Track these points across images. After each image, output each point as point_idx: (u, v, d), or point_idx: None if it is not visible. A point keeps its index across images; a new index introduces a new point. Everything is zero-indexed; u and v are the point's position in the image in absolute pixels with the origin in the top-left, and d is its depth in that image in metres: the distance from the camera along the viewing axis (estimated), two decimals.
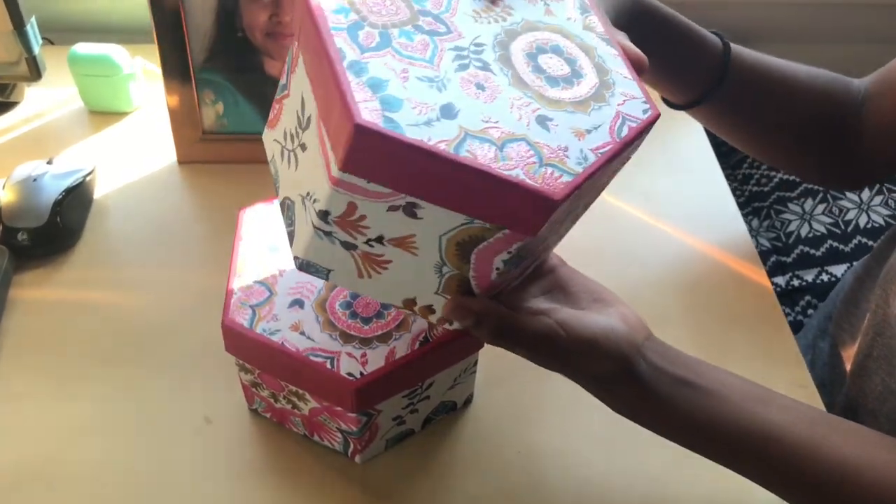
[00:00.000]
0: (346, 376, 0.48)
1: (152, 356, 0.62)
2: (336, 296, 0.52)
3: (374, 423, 0.53)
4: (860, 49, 1.07)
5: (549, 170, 0.37)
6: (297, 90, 0.42)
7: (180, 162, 0.79)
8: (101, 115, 0.84)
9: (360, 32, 0.38)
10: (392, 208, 0.38)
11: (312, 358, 0.49)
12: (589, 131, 0.39)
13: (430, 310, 0.44)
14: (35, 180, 0.69)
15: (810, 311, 0.85)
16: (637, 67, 0.44)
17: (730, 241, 0.75)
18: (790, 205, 0.92)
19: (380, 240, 0.40)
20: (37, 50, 0.75)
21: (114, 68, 0.80)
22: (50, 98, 0.86)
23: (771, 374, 0.60)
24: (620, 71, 0.43)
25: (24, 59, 0.74)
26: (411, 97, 0.36)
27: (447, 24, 0.41)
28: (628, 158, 0.43)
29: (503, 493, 0.55)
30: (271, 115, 0.47)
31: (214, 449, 0.56)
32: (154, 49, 0.72)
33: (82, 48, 0.80)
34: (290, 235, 0.44)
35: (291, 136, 0.43)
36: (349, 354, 0.49)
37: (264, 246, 0.55)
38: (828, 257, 0.87)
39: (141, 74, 0.84)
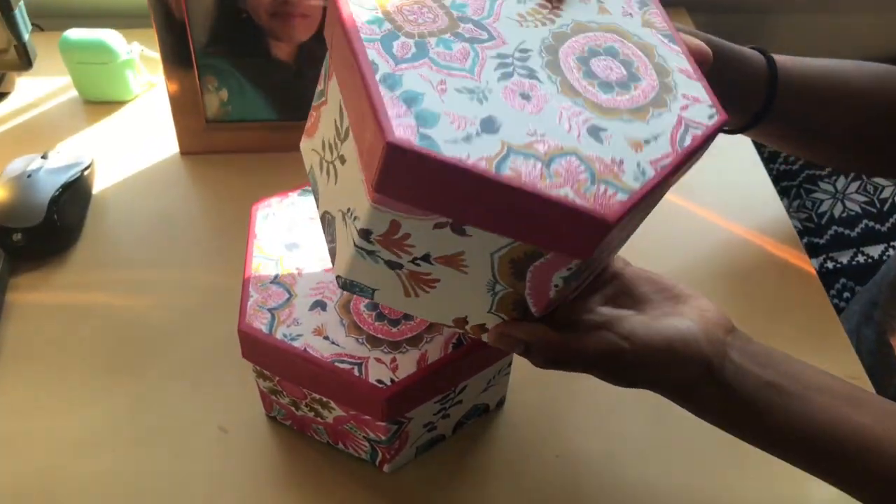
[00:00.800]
0: (376, 384, 0.44)
1: (161, 362, 0.58)
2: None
3: (404, 431, 0.49)
4: (890, 18, 1.03)
5: (603, 187, 0.33)
6: (335, 98, 0.39)
7: (183, 153, 0.75)
8: (98, 104, 0.80)
9: (395, 43, 0.35)
10: (438, 226, 0.35)
11: (338, 365, 0.45)
12: (647, 142, 0.35)
13: (483, 329, 0.41)
14: (29, 176, 0.65)
15: (846, 295, 0.82)
16: (700, 62, 0.40)
17: (768, 223, 0.71)
18: (821, 183, 0.88)
19: (426, 258, 0.36)
20: (26, 36, 0.71)
21: (109, 54, 0.76)
22: (42, 88, 0.82)
23: (820, 366, 0.56)
24: (684, 70, 0.39)
25: (13, 47, 0.71)
26: (449, 111, 0.33)
27: (489, 30, 0.37)
28: (692, 165, 0.39)
29: (540, 500, 0.51)
30: (308, 123, 0.44)
31: (231, 460, 0.53)
32: (152, 33, 0.68)
33: (74, 34, 0.76)
34: (332, 252, 0.41)
35: (330, 146, 0.40)
36: (378, 360, 0.45)
37: (280, 244, 0.51)
38: (863, 238, 0.84)
39: (138, 60, 0.79)
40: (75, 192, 0.67)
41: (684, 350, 0.39)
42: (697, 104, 0.37)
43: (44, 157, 0.68)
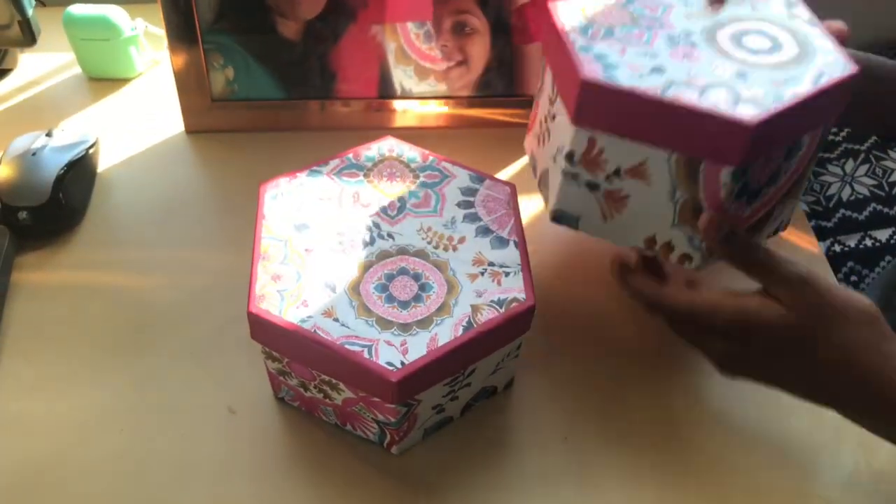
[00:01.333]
0: (386, 366, 0.44)
1: (168, 342, 0.58)
2: (370, 278, 0.48)
3: (413, 413, 0.49)
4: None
5: (746, 106, 0.44)
6: (549, 81, 0.53)
7: (188, 131, 0.74)
8: (102, 81, 0.79)
9: (590, 30, 0.49)
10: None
11: (348, 347, 0.45)
12: (787, 81, 0.45)
13: (669, 247, 0.50)
14: (34, 154, 0.64)
15: (853, 278, 0.81)
16: (839, 38, 0.49)
17: None
18: (830, 166, 0.88)
19: (617, 173, 0.48)
20: (30, 12, 0.70)
21: (113, 31, 0.75)
22: (46, 64, 0.81)
23: None
24: (822, 43, 0.48)
25: (16, 23, 0.69)
26: (627, 62, 0.46)
27: (662, 21, 0.50)
28: (832, 121, 0.49)
29: (547, 481, 0.51)
30: (530, 123, 0.59)
31: (239, 441, 0.53)
32: (156, 9, 0.67)
33: (78, 9, 0.75)
34: (546, 199, 0.54)
35: (545, 117, 0.54)
36: (388, 342, 0.45)
37: (289, 224, 0.50)
38: (871, 221, 0.83)
39: (142, 37, 0.78)
40: (80, 170, 0.66)
41: (860, 300, 0.44)
42: (834, 62, 0.47)
43: (48, 134, 0.67)
